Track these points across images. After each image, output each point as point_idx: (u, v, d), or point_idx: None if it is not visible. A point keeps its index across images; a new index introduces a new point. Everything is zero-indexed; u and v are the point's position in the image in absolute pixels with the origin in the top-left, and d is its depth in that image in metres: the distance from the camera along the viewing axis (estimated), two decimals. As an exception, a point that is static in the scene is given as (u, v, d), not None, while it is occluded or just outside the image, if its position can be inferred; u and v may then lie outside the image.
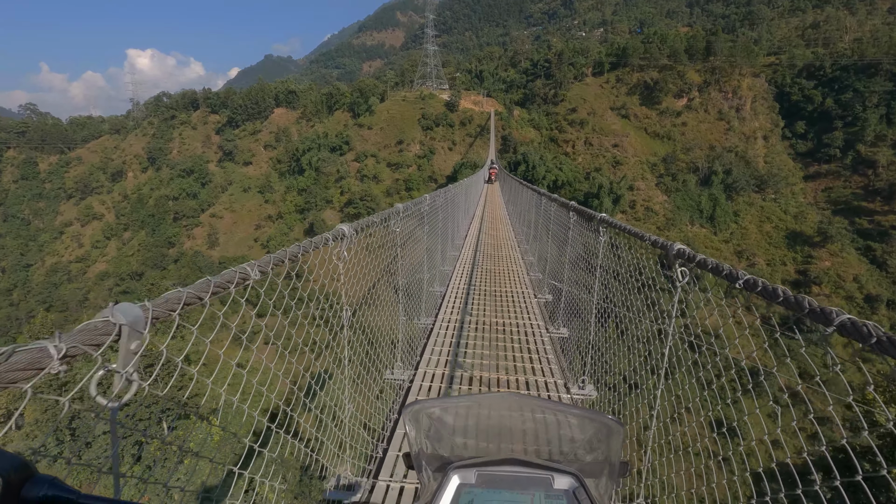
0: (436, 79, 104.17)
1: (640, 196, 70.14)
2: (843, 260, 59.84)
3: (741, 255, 64.15)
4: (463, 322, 6.63)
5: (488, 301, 7.69)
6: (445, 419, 0.83)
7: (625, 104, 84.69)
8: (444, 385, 4.82)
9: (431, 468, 0.81)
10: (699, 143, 76.89)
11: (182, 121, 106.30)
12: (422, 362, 5.31)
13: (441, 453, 0.82)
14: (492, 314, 7.00)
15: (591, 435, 0.80)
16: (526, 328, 6.51)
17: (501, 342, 5.93)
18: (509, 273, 9.84)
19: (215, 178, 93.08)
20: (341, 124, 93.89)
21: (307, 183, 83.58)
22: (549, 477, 0.74)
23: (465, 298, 7.82)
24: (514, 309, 7.37)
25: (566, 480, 0.74)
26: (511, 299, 7.94)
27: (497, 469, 0.76)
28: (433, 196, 6.84)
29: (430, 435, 0.82)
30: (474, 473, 0.75)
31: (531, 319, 6.87)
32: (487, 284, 8.79)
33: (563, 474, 0.74)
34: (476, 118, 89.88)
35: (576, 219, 5.75)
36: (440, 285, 7.95)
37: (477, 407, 0.85)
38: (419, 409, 0.81)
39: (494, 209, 22.27)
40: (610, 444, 0.77)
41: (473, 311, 7.17)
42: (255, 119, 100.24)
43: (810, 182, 74.57)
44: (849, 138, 73.54)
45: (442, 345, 5.81)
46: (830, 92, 78.38)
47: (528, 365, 5.35)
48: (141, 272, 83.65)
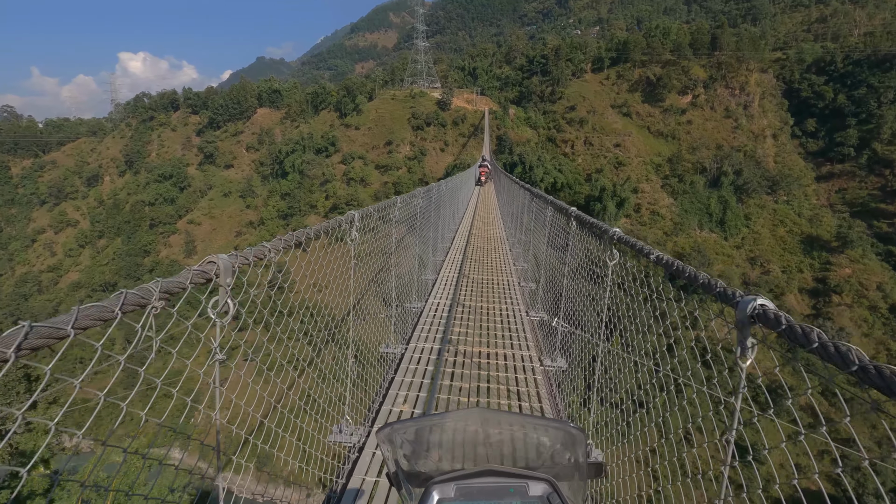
0: (427, 76, 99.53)
1: (646, 199, 65.74)
2: (864, 267, 55.58)
3: (754, 261, 59.84)
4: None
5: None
6: (419, 437, 0.85)
7: (626, 102, 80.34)
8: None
9: (412, 485, 0.83)
10: (706, 142, 72.61)
11: (161, 122, 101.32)
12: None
13: (419, 470, 0.84)
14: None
15: (558, 442, 0.83)
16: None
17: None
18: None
19: (194, 182, 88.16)
20: (327, 124, 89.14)
21: (290, 187, 78.78)
22: (524, 484, 0.77)
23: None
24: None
25: (541, 486, 0.77)
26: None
27: (474, 481, 0.78)
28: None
29: (405, 454, 0.84)
30: (453, 487, 0.78)
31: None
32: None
33: (537, 481, 0.77)
34: (469, 117, 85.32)
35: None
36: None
37: (449, 423, 0.86)
38: (392, 431, 0.82)
39: (486, 227, 17.57)
40: (575, 450, 0.81)
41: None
42: (237, 120, 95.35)
43: (823, 183, 70.41)
44: (863, 136, 69.47)
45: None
46: (842, 87, 74.36)
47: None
48: (114, 282, 78.72)
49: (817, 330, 1.28)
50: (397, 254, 5.46)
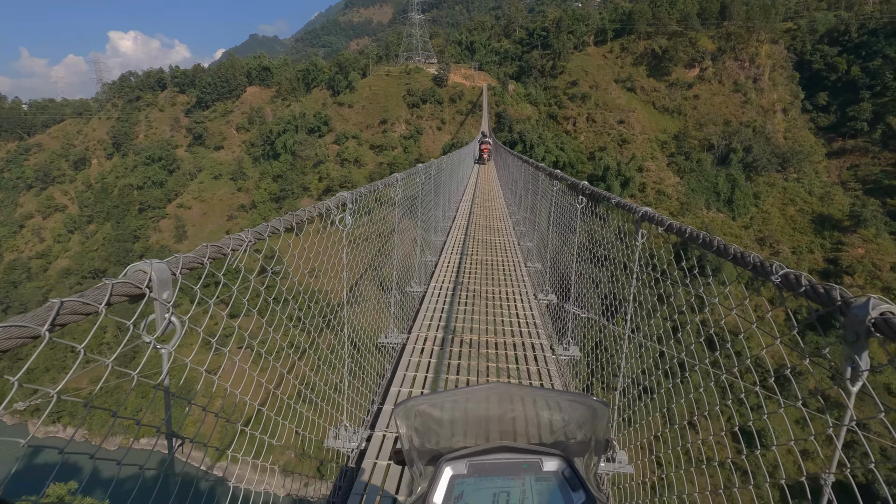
0: (422, 51, 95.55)
1: (651, 178, 63.31)
2: (877, 246, 53.56)
3: (763, 242, 57.77)
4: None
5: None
6: (435, 413, 0.84)
7: (630, 76, 77.04)
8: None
9: (423, 462, 0.83)
10: (713, 117, 69.75)
11: (148, 102, 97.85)
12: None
13: (432, 447, 0.84)
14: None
15: (577, 417, 0.82)
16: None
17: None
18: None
19: (184, 165, 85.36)
20: (319, 103, 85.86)
21: (282, 168, 76.15)
22: (538, 460, 0.77)
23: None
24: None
25: (555, 462, 0.76)
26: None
27: (487, 458, 0.78)
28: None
29: (419, 430, 0.83)
30: (466, 464, 0.77)
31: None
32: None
33: (551, 457, 0.77)
34: (467, 94, 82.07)
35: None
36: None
37: (466, 398, 0.86)
38: (410, 407, 0.82)
39: (488, 209, 15.42)
40: (595, 425, 0.80)
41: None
42: (227, 99, 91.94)
43: (834, 159, 67.87)
44: (878, 110, 66.59)
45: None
46: (856, 59, 71.14)
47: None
48: (104, 269, 76.79)
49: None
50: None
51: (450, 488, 0.74)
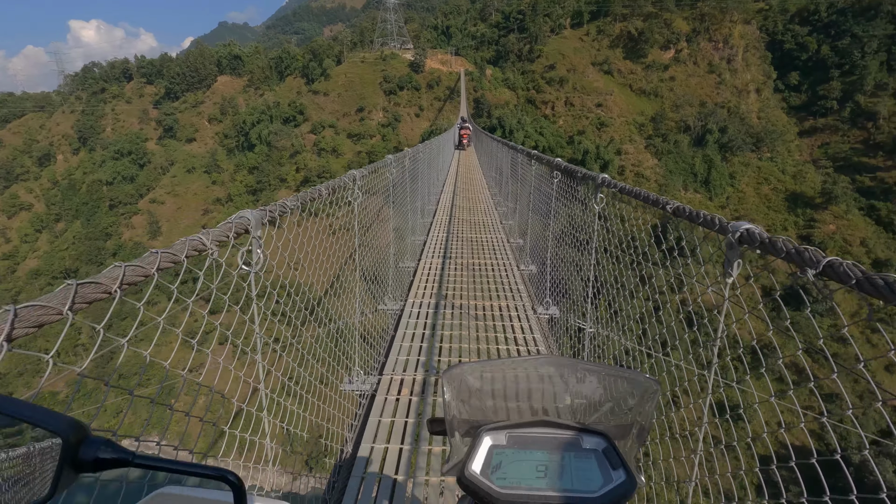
0: (398, 37, 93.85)
1: (630, 161, 63.73)
2: (848, 222, 55.09)
3: (739, 221, 58.86)
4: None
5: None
6: (483, 382, 0.83)
7: (607, 58, 77.02)
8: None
9: (461, 431, 0.82)
10: (689, 99, 70.35)
11: (114, 94, 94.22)
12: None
13: (473, 417, 0.83)
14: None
15: (625, 394, 0.80)
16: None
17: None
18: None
19: (155, 158, 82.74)
20: (294, 91, 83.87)
21: (258, 160, 74.38)
22: (578, 437, 0.76)
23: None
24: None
25: (595, 440, 0.76)
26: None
27: (528, 430, 0.78)
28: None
29: (464, 398, 0.82)
30: (505, 435, 0.77)
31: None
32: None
33: (592, 434, 0.76)
34: (444, 79, 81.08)
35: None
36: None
37: (515, 369, 0.85)
38: (459, 373, 0.80)
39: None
40: (643, 404, 0.78)
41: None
42: (197, 89, 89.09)
43: (806, 138, 69.32)
44: (847, 89, 68.06)
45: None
46: (826, 38, 72.36)
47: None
48: (76, 268, 74.36)
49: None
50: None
51: (488, 458, 0.75)
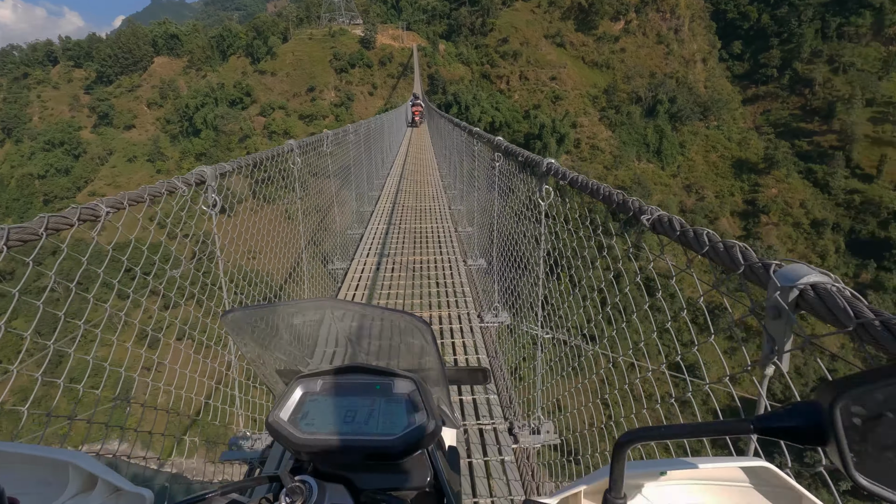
0: (346, 11, 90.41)
1: (585, 133, 64.48)
2: (788, 186, 58.05)
3: (690, 189, 61.02)
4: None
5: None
6: (272, 325, 0.84)
7: (559, 31, 76.95)
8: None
9: (285, 380, 0.83)
10: (640, 70, 71.50)
11: (39, 79, 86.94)
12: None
13: (283, 365, 0.85)
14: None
15: (408, 337, 0.81)
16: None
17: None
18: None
19: (91, 148, 77.35)
20: (239, 72, 79.78)
21: (205, 146, 70.77)
22: (390, 382, 0.77)
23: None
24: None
25: (405, 384, 0.77)
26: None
27: (342, 377, 0.78)
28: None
29: (257, 340, 0.82)
30: (319, 383, 0.77)
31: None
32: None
33: (402, 378, 0.77)
34: (397, 56, 79.07)
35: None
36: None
37: (300, 311, 0.86)
38: (239, 317, 0.78)
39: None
40: (425, 345, 0.78)
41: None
42: (132, 72, 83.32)
43: (749, 106, 72.09)
44: (785, 56, 70.94)
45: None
46: (766, 7, 74.81)
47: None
48: (11, 270, 69.35)
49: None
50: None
51: (299, 406, 0.75)
